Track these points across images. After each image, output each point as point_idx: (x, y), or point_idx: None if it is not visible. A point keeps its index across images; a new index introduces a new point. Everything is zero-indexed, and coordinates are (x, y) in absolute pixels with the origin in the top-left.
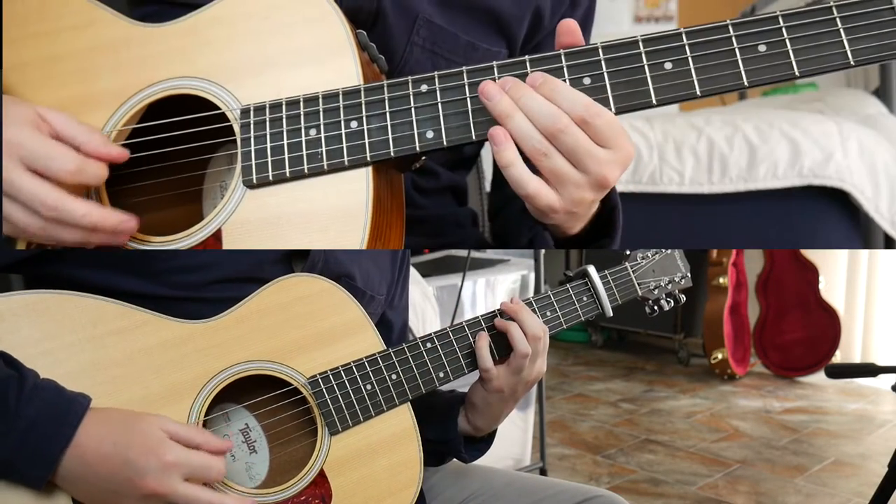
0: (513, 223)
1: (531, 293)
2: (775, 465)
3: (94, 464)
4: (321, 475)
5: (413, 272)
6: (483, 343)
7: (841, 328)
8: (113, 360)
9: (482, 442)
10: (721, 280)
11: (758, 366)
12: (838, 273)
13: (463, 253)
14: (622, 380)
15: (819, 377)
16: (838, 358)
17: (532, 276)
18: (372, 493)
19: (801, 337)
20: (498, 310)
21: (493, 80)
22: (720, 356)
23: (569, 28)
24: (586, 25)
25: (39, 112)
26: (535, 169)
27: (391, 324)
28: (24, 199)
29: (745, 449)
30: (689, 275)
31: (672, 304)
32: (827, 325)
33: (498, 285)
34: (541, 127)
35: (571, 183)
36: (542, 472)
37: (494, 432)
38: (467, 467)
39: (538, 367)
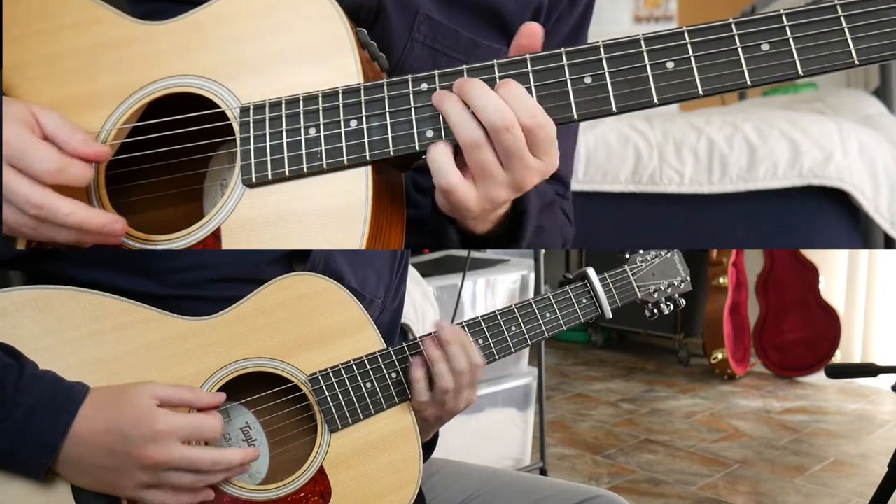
0: None
1: (531, 293)
2: (775, 465)
3: (91, 444)
4: (321, 472)
5: (413, 272)
6: (420, 374)
7: (841, 328)
8: (114, 355)
9: (425, 450)
10: (721, 280)
11: (758, 366)
12: (838, 273)
13: (463, 253)
14: (622, 380)
15: (819, 377)
16: (838, 358)
17: (532, 276)
18: (371, 491)
19: (801, 337)
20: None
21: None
22: (720, 356)
23: (531, 31)
24: (584, 24)
25: (34, 111)
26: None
27: (380, 325)
28: (12, 197)
29: (745, 449)
30: (689, 279)
31: (672, 307)
32: (827, 325)
33: (498, 285)
34: (486, 120)
35: (493, 180)
36: (542, 472)
37: (436, 438)
38: (468, 468)
39: (466, 398)
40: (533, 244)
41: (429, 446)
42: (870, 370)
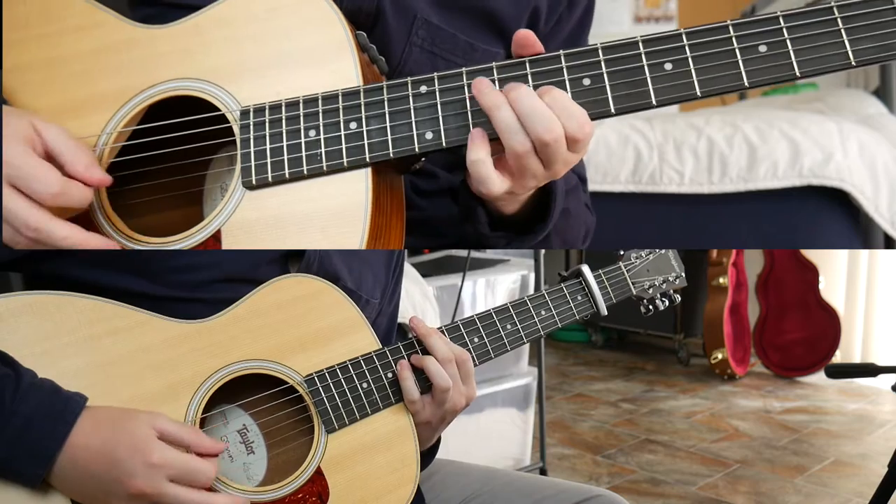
0: None
1: (529, 293)
2: (775, 465)
3: (85, 462)
4: (318, 473)
5: (413, 272)
6: (407, 374)
7: (841, 328)
8: (110, 359)
9: (427, 454)
10: (721, 280)
11: (758, 366)
12: (838, 273)
13: (463, 253)
14: (622, 380)
15: (819, 377)
16: (838, 358)
17: (532, 276)
18: (369, 491)
19: (801, 337)
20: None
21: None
22: (720, 356)
23: (526, 41)
24: (584, 26)
25: (35, 125)
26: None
27: (378, 327)
28: (9, 217)
29: (745, 449)
30: (683, 274)
31: (667, 303)
32: (827, 325)
33: (498, 285)
34: (531, 131)
35: (532, 175)
36: (542, 472)
37: (438, 442)
38: (467, 467)
39: (467, 393)
40: (559, 229)
41: (431, 452)
42: (870, 370)
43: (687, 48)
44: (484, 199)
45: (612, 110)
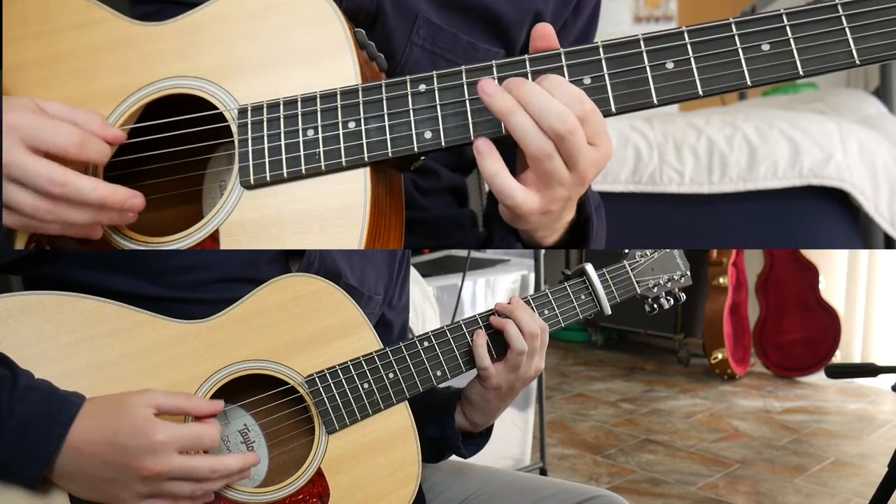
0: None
1: (531, 293)
2: (775, 465)
3: (88, 455)
4: (319, 474)
5: (413, 272)
6: (480, 341)
7: (841, 328)
8: (110, 360)
9: (480, 437)
10: (721, 280)
11: (758, 366)
12: (838, 273)
13: (463, 253)
14: (622, 380)
15: (819, 377)
16: (838, 358)
17: (532, 276)
18: (370, 492)
19: (801, 337)
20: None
21: (494, 79)
22: (720, 356)
23: (543, 33)
24: (589, 31)
25: (36, 101)
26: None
27: (390, 324)
28: (31, 178)
29: (745, 449)
30: (688, 273)
31: (672, 302)
32: (827, 325)
33: (498, 285)
34: (547, 127)
35: (558, 183)
36: (542, 472)
37: (492, 427)
38: (467, 467)
39: (536, 364)
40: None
41: (484, 436)
42: (870, 370)
43: (689, 47)
44: (522, 229)
45: (613, 109)
